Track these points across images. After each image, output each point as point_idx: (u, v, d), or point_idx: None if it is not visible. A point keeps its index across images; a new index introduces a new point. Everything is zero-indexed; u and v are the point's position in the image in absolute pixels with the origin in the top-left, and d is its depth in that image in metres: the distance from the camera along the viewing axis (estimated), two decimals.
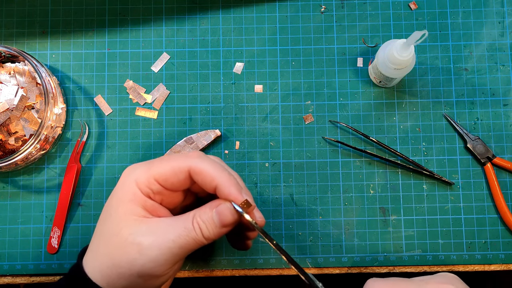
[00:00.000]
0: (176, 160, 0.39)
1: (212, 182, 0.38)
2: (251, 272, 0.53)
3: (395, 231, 0.53)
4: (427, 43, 0.56)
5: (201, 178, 0.38)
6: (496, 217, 0.53)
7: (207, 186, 0.39)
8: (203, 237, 0.38)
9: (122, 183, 0.39)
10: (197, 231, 0.37)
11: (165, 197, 0.40)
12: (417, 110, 0.55)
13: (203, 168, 0.38)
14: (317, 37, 0.56)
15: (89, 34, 0.56)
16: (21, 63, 0.54)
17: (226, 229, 0.39)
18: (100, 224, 0.40)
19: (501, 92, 0.55)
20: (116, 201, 0.39)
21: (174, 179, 0.39)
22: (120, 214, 0.38)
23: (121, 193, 0.39)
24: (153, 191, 0.39)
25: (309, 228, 0.53)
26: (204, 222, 0.38)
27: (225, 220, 0.38)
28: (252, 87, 0.55)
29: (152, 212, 0.39)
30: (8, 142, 0.53)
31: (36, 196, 0.54)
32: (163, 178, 0.38)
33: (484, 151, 0.53)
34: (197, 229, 0.37)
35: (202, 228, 0.38)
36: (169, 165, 0.39)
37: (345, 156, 0.54)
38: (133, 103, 0.55)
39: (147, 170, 0.39)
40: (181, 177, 0.39)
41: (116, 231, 0.37)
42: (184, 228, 0.37)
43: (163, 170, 0.39)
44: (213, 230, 0.38)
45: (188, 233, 0.37)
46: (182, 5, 0.57)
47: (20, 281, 0.53)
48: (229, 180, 0.38)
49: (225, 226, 0.38)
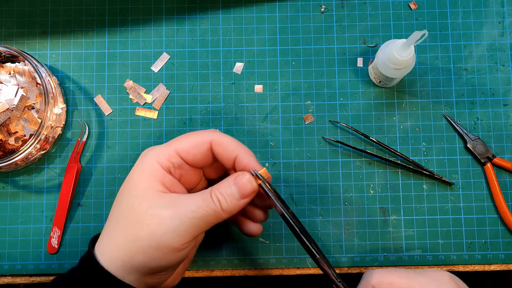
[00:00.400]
0: (198, 134, 0.41)
1: (233, 153, 0.40)
2: (251, 272, 0.53)
3: (395, 231, 0.53)
4: (427, 43, 0.56)
5: (223, 149, 0.40)
6: (496, 217, 0.53)
7: (227, 157, 0.40)
8: (222, 209, 0.38)
9: (141, 160, 0.40)
10: (216, 203, 0.38)
11: (184, 173, 0.41)
12: (417, 110, 0.55)
13: (224, 140, 0.40)
14: (317, 37, 0.56)
15: (89, 34, 0.56)
16: (21, 63, 0.54)
17: (244, 201, 0.39)
18: (117, 202, 0.40)
19: (501, 92, 0.55)
20: (135, 177, 0.39)
21: (196, 151, 0.40)
22: (140, 189, 0.38)
23: (140, 169, 0.39)
24: (174, 165, 0.40)
25: (309, 228, 0.53)
26: (222, 195, 0.39)
27: (244, 190, 0.39)
28: (252, 87, 0.55)
29: (170, 188, 0.39)
30: (8, 142, 0.53)
31: (36, 196, 0.54)
32: (185, 150, 0.40)
33: (484, 151, 0.53)
34: (216, 201, 0.38)
35: (220, 200, 0.38)
36: (191, 139, 0.41)
37: (345, 156, 0.54)
38: (133, 103, 0.55)
39: (168, 145, 0.40)
40: (203, 149, 0.40)
41: (135, 206, 0.38)
42: (203, 200, 0.38)
43: (185, 144, 0.40)
44: (231, 202, 0.39)
45: (208, 204, 0.38)
46: (182, 5, 0.57)
47: (20, 281, 0.53)
48: (249, 151, 0.41)
49: (244, 197, 0.39)
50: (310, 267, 0.53)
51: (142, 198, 0.38)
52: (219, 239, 0.53)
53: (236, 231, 0.53)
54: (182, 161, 0.40)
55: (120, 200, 0.40)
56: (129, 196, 0.39)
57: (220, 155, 0.41)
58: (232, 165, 0.41)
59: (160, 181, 0.39)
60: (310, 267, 0.53)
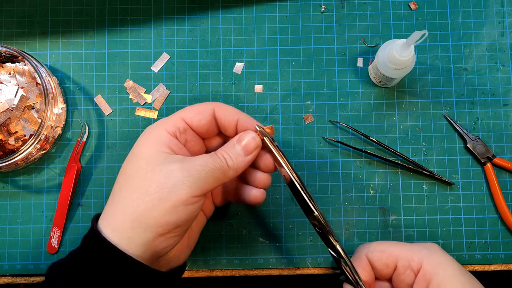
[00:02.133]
0: (202, 103, 0.43)
1: (235, 116, 0.42)
2: (251, 272, 0.53)
3: (395, 231, 0.53)
4: (427, 43, 0.56)
5: (225, 114, 0.42)
6: (496, 217, 0.53)
7: (229, 121, 0.42)
8: (228, 165, 0.40)
9: (148, 129, 0.41)
10: (222, 160, 0.40)
11: (189, 139, 0.43)
12: (417, 110, 0.55)
13: (225, 106, 0.43)
14: (317, 37, 0.56)
15: (89, 34, 0.56)
16: (21, 63, 0.54)
17: (249, 157, 0.41)
18: (123, 169, 0.40)
19: (501, 92, 0.55)
20: (141, 143, 0.40)
21: (201, 116, 0.42)
22: (147, 152, 0.39)
23: (147, 137, 0.41)
24: (180, 130, 0.41)
25: (309, 228, 0.53)
26: (227, 153, 0.41)
27: (249, 146, 0.41)
28: (252, 87, 0.55)
29: (177, 151, 0.40)
30: (8, 142, 0.53)
31: (36, 196, 0.54)
32: (191, 116, 0.42)
33: (484, 151, 0.53)
34: (222, 158, 0.40)
35: (226, 158, 0.40)
36: (196, 107, 0.43)
37: (345, 156, 0.54)
38: (133, 103, 0.55)
39: (172, 116, 0.42)
40: (207, 115, 0.42)
41: (143, 166, 0.38)
42: (210, 156, 0.40)
43: (190, 111, 0.42)
44: (237, 159, 0.40)
45: (215, 159, 0.39)
46: (182, 5, 0.57)
47: (20, 281, 0.53)
48: (249, 116, 0.43)
49: (248, 153, 0.41)
50: (310, 267, 0.53)
51: (150, 159, 0.39)
52: (219, 239, 0.53)
53: (236, 231, 0.53)
54: (187, 126, 0.42)
55: (126, 166, 0.40)
56: (136, 159, 0.39)
57: (222, 120, 0.42)
58: (234, 130, 0.43)
59: (167, 145, 0.40)
60: (310, 267, 0.53)
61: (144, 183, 0.38)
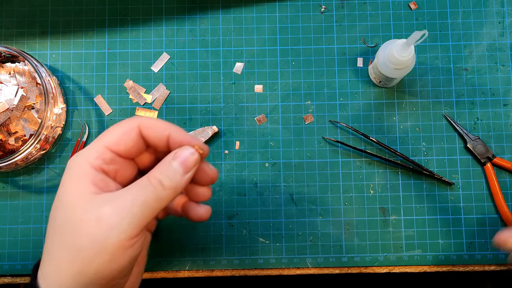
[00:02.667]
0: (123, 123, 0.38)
1: (165, 131, 0.37)
2: (251, 272, 0.53)
3: (395, 231, 0.53)
4: (427, 43, 0.56)
5: (153, 130, 0.38)
6: (496, 217, 0.53)
7: (160, 137, 0.38)
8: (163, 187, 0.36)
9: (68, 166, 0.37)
10: (156, 185, 0.35)
11: (119, 167, 0.38)
12: (417, 110, 0.55)
13: (153, 122, 0.38)
14: (317, 37, 0.56)
15: (89, 34, 0.56)
16: (21, 63, 0.54)
17: (188, 175, 0.37)
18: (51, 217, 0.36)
19: (501, 92, 0.55)
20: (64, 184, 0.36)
21: (127, 139, 0.37)
22: (70, 196, 0.35)
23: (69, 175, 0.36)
24: (106, 161, 0.37)
25: (309, 228, 0.53)
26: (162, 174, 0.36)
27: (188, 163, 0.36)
28: (252, 87, 0.55)
29: (104, 188, 0.36)
30: (8, 142, 0.53)
31: (36, 196, 0.54)
32: (115, 142, 0.37)
33: (484, 151, 0.53)
34: (155, 183, 0.35)
35: (161, 179, 0.36)
36: (118, 129, 0.37)
37: (345, 156, 0.54)
38: (133, 103, 0.55)
39: (94, 143, 0.37)
40: (133, 136, 0.37)
41: (68, 216, 0.34)
42: (139, 187, 0.35)
43: (113, 136, 0.37)
44: (175, 178, 0.36)
45: (145, 189, 0.35)
46: (182, 5, 0.57)
47: (20, 281, 0.53)
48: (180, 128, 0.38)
49: (188, 171, 0.37)
50: (310, 267, 0.53)
51: (75, 205, 0.34)
52: (219, 239, 0.53)
53: (236, 231, 0.53)
54: (114, 154, 0.37)
55: (53, 215, 0.36)
56: (61, 207, 0.35)
57: (151, 138, 0.38)
58: (165, 145, 0.38)
59: (92, 182, 0.35)
60: (310, 267, 0.53)
61: (74, 238, 0.34)
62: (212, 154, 0.54)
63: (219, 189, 0.54)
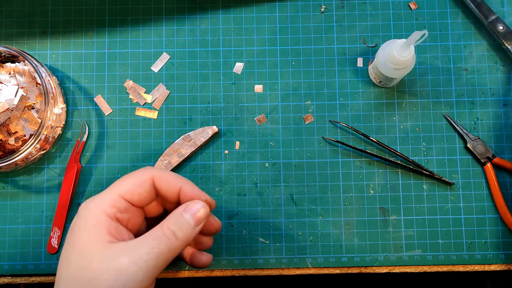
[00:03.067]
0: (138, 173, 0.40)
1: (176, 184, 0.40)
2: (251, 272, 0.53)
3: (395, 231, 0.53)
4: (427, 43, 0.56)
5: (165, 182, 0.40)
6: (496, 217, 0.53)
7: (171, 190, 0.40)
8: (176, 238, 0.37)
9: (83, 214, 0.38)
10: (170, 236, 0.37)
11: (131, 216, 0.40)
12: (417, 110, 0.55)
13: (165, 174, 0.41)
14: (317, 37, 0.56)
15: (89, 34, 0.56)
16: (21, 63, 0.54)
17: (199, 228, 0.39)
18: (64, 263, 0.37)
19: (501, 92, 0.55)
20: (79, 231, 0.37)
21: (141, 190, 0.40)
22: (87, 245, 0.37)
23: (84, 223, 0.38)
24: (121, 210, 0.39)
25: (309, 228, 0.53)
26: (175, 224, 0.38)
27: (200, 216, 0.39)
28: (252, 87, 0.55)
29: (118, 236, 0.38)
30: (8, 142, 0.53)
31: (36, 196, 0.54)
32: (129, 191, 0.39)
33: (484, 151, 0.53)
34: (169, 235, 0.37)
35: (174, 230, 0.38)
36: (132, 179, 0.40)
37: (345, 156, 0.54)
38: (133, 103, 0.55)
39: (109, 191, 0.39)
40: (147, 187, 0.40)
41: (85, 264, 0.36)
42: (154, 238, 0.37)
43: (127, 185, 0.39)
44: (187, 230, 0.38)
45: (160, 241, 0.37)
46: (182, 5, 0.57)
47: (20, 281, 0.53)
48: (191, 182, 0.41)
49: (199, 223, 0.39)
50: (310, 267, 0.53)
51: (92, 254, 0.36)
52: (219, 239, 0.53)
53: (236, 231, 0.53)
54: (128, 203, 0.39)
55: (67, 260, 0.37)
56: (76, 254, 0.37)
57: (164, 190, 0.41)
58: (176, 197, 0.41)
59: (107, 231, 0.37)
60: (310, 267, 0.53)
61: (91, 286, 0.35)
62: (212, 154, 0.54)
63: (219, 189, 0.54)
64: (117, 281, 0.35)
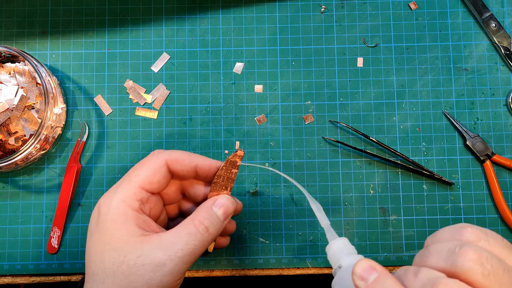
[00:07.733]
0: (151, 160, 0.40)
1: (191, 163, 0.41)
2: (251, 272, 0.53)
3: (395, 231, 0.53)
4: (427, 43, 0.56)
5: (180, 163, 0.40)
6: (496, 217, 0.53)
7: (187, 169, 0.41)
8: (209, 234, 0.38)
9: (107, 210, 0.38)
10: (202, 231, 0.38)
11: (153, 205, 0.41)
12: (417, 110, 0.55)
13: (178, 155, 0.41)
14: (317, 37, 0.56)
15: (89, 34, 0.56)
16: (21, 63, 0.54)
17: (227, 221, 0.41)
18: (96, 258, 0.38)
19: (501, 92, 0.55)
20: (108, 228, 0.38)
21: (159, 177, 0.40)
22: (119, 240, 0.37)
23: (112, 219, 0.38)
24: (143, 201, 0.39)
25: (309, 228, 0.53)
26: (207, 218, 0.39)
27: (228, 210, 0.40)
28: (252, 87, 0.55)
29: (147, 228, 0.38)
30: (8, 142, 0.53)
31: (36, 196, 0.54)
32: (148, 181, 0.39)
33: (483, 148, 0.53)
34: (202, 229, 0.38)
35: (207, 225, 0.38)
36: (148, 167, 0.40)
37: (345, 156, 0.54)
38: (133, 103, 0.55)
39: (128, 184, 0.39)
40: (163, 172, 0.40)
41: (120, 260, 0.36)
42: (188, 234, 0.37)
43: (144, 175, 0.39)
44: (218, 224, 0.39)
45: (194, 237, 0.37)
46: (182, 5, 0.57)
47: (20, 281, 0.53)
48: (203, 156, 0.41)
49: (227, 217, 0.40)
50: (310, 267, 0.53)
51: (127, 250, 0.36)
52: None
53: (236, 231, 0.53)
54: (148, 193, 0.40)
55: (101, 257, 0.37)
56: (110, 250, 0.37)
57: (180, 171, 0.41)
58: (193, 175, 0.42)
59: (137, 225, 0.38)
60: (310, 267, 0.53)
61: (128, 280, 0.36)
62: (212, 154, 0.54)
63: None
64: (154, 276, 0.36)
